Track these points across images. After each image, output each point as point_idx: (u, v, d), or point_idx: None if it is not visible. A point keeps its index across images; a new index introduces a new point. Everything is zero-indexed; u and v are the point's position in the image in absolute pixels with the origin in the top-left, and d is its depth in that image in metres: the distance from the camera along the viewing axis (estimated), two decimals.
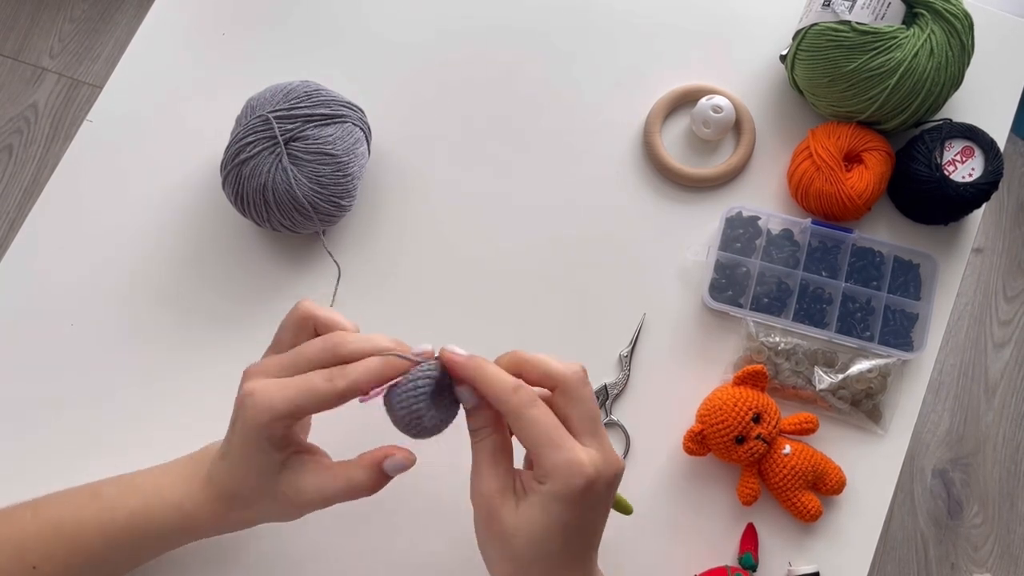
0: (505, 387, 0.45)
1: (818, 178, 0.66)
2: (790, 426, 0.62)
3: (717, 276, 0.67)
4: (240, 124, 0.63)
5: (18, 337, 0.65)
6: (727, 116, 0.69)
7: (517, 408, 0.44)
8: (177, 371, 0.65)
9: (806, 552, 0.63)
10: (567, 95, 0.73)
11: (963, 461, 1.49)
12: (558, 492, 0.43)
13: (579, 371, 0.46)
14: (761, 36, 0.74)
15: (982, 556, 1.45)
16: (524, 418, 0.44)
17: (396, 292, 0.68)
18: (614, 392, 0.65)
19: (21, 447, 0.63)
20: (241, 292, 0.67)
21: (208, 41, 0.73)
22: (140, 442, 0.61)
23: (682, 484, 0.64)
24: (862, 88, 0.64)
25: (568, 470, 0.43)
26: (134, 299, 0.66)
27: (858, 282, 0.67)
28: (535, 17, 0.75)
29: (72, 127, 1.62)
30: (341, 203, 0.64)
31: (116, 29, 1.70)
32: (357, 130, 0.65)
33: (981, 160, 0.66)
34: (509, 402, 0.45)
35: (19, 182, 1.59)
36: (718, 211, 0.69)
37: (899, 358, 0.65)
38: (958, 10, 0.64)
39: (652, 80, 0.73)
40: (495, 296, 0.68)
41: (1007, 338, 1.57)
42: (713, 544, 0.63)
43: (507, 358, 0.48)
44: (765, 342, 0.65)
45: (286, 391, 0.46)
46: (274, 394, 0.46)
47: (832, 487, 0.62)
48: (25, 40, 1.68)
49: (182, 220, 0.69)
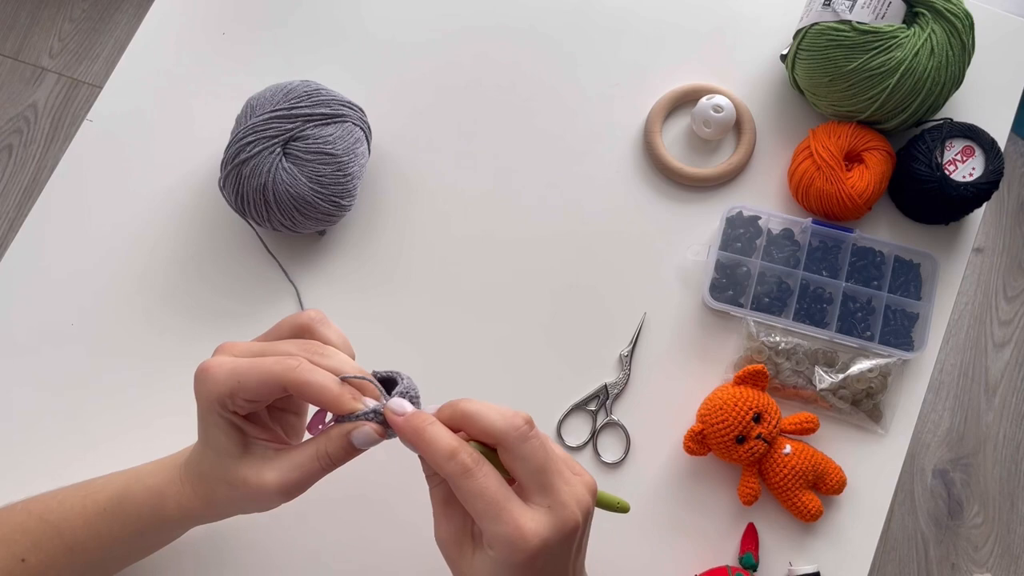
0: (440, 455, 0.41)
1: (818, 178, 0.66)
2: (790, 426, 0.62)
3: (717, 276, 0.67)
4: (240, 124, 0.63)
5: (18, 337, 0.65)
6: (727, 116, 0.69)
7: (452, 478, 0.41)
8: (177, 370, 0.65)
9: (806, 552, 0.63)
10: (568, 95, 0.73)
11: (963, 461, 1.49)
12: (503, 561, 0.41)
13: (519, 425, 0.42)
14: (761, 36, 0.74)
15: (982, 556, 1.45)
16: (460, 489, 0.41)
17: (396, 292, 0.68)
18: (614, 392, 0.65)
19: (21, 447, 0.63)
20: (241, 292, 0.67)
21: (208, 41, 0.73)
22: (140, 442, 0.60)
23: (682, 484, 0.64)
24: (862, 88, 0.64)
25: (509, 544, 0.40)
26: (134, 299, 0.66)
27: (858, 282, 0.67)
28: (535, 17, 0.75)
29: (72, 127, 1.61)
30: (341, 203, 0.64)
31: (116, 29, 1.70)
32: (357, 130, 0.65)
33: (981, 160, 0.66)
34: (444, 470, 0.41)
35: (19, 182, 1.59)
36: (718, 211, 0.69)
37: (899, 358, 0.65)
38: (959, 9, 0.64)
39: (652, 80, 0.73)
40: (495, 296, 0.68)
41: (1007, 338, 1.57)
42: (713, 544, 0.63)
43: (447, 411, 0.44)
44: (765, 342, 0.65)
45: (234, 370, 0.44)
46: (223, 371, 0.44)
47: (832, 487, 0.62)
48: (25, 40, 1.68)
49: (182, 220, 0.69)
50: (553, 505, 0.42)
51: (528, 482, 0.42)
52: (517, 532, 0.40)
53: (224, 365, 0.45)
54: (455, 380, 0.65)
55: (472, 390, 0.64)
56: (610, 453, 0.65)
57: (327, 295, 0.67)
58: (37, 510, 0.51)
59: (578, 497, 0.43)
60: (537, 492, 0.42)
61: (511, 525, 0.40)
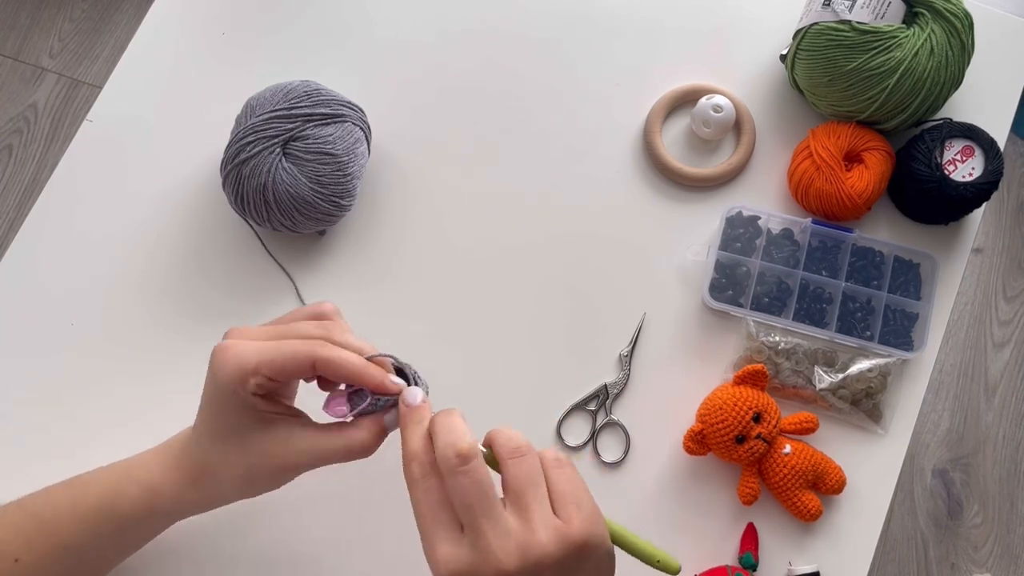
0: (404, 454, 0.43)
1: (818, 178, 0.66)
2: (790, 426, 0.62)
3: (717, 276, 0.67)
4: (240, 124, 0.63)
5: (18, 337, 0.65)
6: (727, 116, 0.69)
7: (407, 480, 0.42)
8: (177, 370, 0.65)
9: (806, 552, 0.63)
10: (567, 95, 0.73)
11: (963, 461, 1.49)
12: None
13: (448, 457, 0.41)
14: (761, 36, 0.74)
15: (982, 556, 1.45)
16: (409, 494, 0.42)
17: (396, 292, 0.68)
18: (614, 392, 0.65)
19: (21, 447, 0.63)
20: (241, 292, 0.67)
21: (208, 41, 0.73)
22: (140, 441, 0.60)
23: (682, 484, 0.64)
24: (862, 88, 0.64)
25: (429, 562, 0.41)
26: (134, 299, 0.66)
27: (858, 282, 0.67)
28: (536, 18, 0.75)
29: (72, 127, 1.61)
30: (341, 203, 0.64)
31: (116, 29, 1.70)
32: (357, 130, 0.65)
33: (981, 160, 0.66)
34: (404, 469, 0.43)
35: (19, 182, 1.59)
36: (718, 211, 0.69)
37: (899, 358, 0.65)
38: (958, 9, 0.64)
39: (652, 80, 0.73)
40: (495, 296, 0.68)
41: (1007, 338, 1.57)
42: (713, 544, 0.63)
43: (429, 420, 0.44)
44: (765, 342, 0.65)
45: (260, 348, 0.45)
46: (247, 349, 0.45)
47: (832, 487, 0.62)
48: (25, 40, 1.68)
49: (182, 220, 0.69)
50: (475, 544, 0.40)
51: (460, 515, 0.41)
52: (431, 554, 0.40)
53: (247, 344, 0.45)
54: (456, 380, 0.65)
55: (472, 390, 0.65)
56: (610, 453, 0.65)
57: (327, 295, 0.67)
58: (30, 509, 0.51)
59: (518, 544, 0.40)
60: (466, 526, 0.41)
61: (429, 545, 0.41)
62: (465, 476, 0.40)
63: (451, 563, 0.40)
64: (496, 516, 0.40)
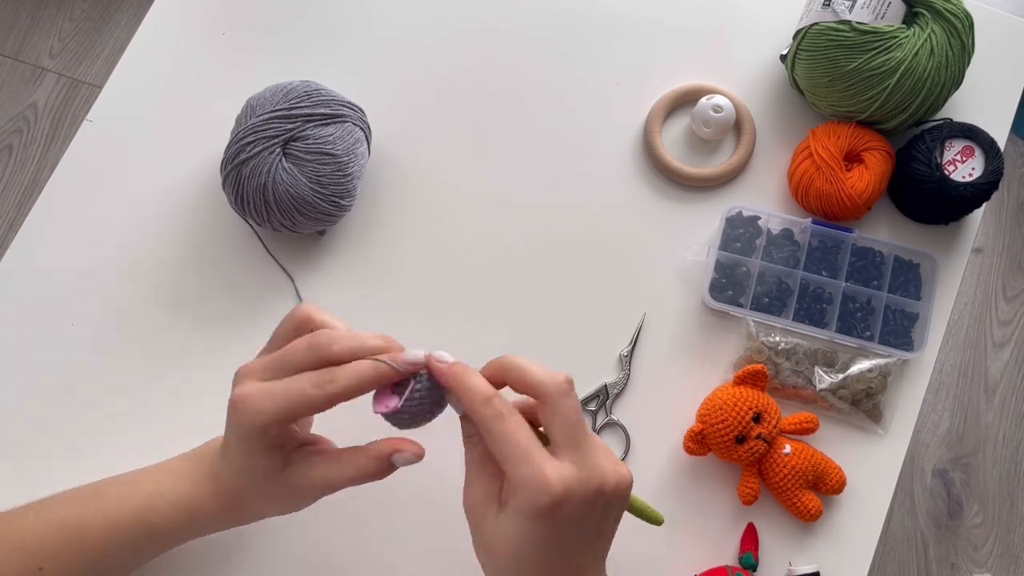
0: (477, 398, 0.44)
1: (818, 178, 0.66)
2: (790, 426, 0.62)
3: (717, 276, 0.67)
4: (240, 124, 0.63)
5: (18, 337, 0.65)
6: (727, 116, 0.69)
7: (486, 421, 0.43)
8: (177, 370, 0.65)
9: (806, 552, 0.63)
10: (567, 95, 0.73)
11: (963, 461, 1.49)
12: (523, 508, 0.42)
13: (561, 382, 0.44)
14: (761, 36, 0.74)
15: (982, 556, 1.45)
16: (492, 433, 0.43)
17: (396, 292, 0.68)
18: (614, 392, 0.65)
19: (21, 447, 0.63)
20: (241, 292, 0.67)
21: (208, 41, 0.73)
22: (140, 441, 0.60)
23: (682, 484, 0.64)
24: (862, 88, 0.64)
25: (531, 487, 0.41)
26: (134, 299, 0.66)
27: (858, 282, 0.67)
28: (536, 18, 0.75)
29: (72, 127, 1.61)
30: (341, 203, 0.64)
31: (116, 29, 1.70)
32: (357, 130, 0.65)
33: (981, 160, 0.66)
34: (478, 413, 0.44)
35: (19, 182, 1.59)
36: (718, 211, 0.69)
37: (899, 358, 0.65)
38: (958, 9, 0.64)
39: (652, 80, 0.73)
40: (495, 296, 0.68)
41: (1007, 338, 1.57)
42: (713, 544, 0.63)
43: (493, 365, 0.46)
44: (765, 342, 0.65)
45: (275, 399, 0.45)
46: (264, 401, 0.46)
47: (832, 487, 0.62)
48: (25, 40, 1.68)
49: (182, 220, 0.69)
50: (581, 461, 0.43)
51: (561, 438, 0.43)
52: (541, 475, 0.41)
53: (262, 394, 0.46)
54: None
55: None
56: None
57: (327, 295, 0.67)
58: (54, 518, 0.51)
59: (613, 466, 0.44)
60: (569, 448, 0.43)
61: (536, 468, 0.42)
62: (575, 399, 0.44)
63: (564, 479, 0.42)
64: (593, 439, 0.45)
